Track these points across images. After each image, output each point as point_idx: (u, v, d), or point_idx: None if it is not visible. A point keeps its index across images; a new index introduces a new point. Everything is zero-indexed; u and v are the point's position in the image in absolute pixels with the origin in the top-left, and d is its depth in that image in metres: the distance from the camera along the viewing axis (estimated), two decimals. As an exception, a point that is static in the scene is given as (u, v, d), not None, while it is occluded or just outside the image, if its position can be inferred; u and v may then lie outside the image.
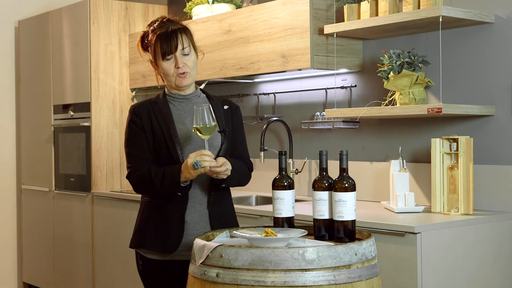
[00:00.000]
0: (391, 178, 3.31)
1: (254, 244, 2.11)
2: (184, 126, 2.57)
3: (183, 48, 2.54)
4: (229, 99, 2.77)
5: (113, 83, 4.92)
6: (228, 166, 2.46)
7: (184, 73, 2.56)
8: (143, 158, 2.56)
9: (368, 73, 3.73)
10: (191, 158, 2.39)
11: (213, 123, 2.41)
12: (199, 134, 2.42)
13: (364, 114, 3.32)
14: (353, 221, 2.23)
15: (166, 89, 2.66)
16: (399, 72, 3.23)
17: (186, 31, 2.58)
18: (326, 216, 2.28)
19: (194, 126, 2.41)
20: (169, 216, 2.54)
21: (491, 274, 3.03)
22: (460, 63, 3.33)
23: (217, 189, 2.59)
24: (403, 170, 3.29)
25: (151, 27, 2.60)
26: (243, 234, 2.21)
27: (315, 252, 1.97)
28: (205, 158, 2.38)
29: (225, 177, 2.48)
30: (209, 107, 2.42)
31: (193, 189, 2.55)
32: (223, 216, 2.63)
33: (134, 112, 2.61)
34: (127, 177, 2.60)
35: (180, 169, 2.43)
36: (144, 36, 2.62)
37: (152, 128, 2.56)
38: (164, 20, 2.60)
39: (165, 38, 2.54)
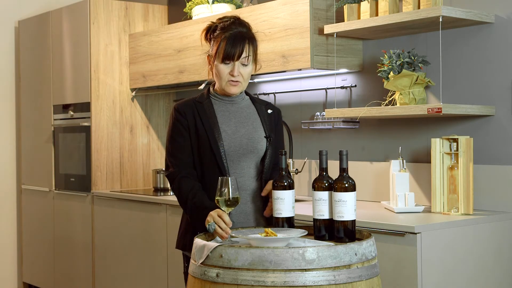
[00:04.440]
0: (391, 178, 3.30)
1: (254, 244, 2.11)
2: (229, 128, 2.53)
3: (244, 57, 2.50)
4: (271, 103, 2.73)
5: (113, 83, 4.92)
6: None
7: (236, 81, 2.52)
8: (186, 162, 2.52)
9: (368, 73, 3.73)
10: (210, 217, 2.29)
11: (236, 196, 2.28)
12: (220, 206, 2.28)
13: (364, 114, 3.32)
14: (353, 221, 2.23)
15: (211, 88, 2.62)
16: (399, 72, 3.22)
17: (253, 41, 2.54)
18: (326, 216, 2.28)
19: (217, 198, 2.27)
20: None
21: (491, 274, 3.03)
22: (460, 63, 3.33)
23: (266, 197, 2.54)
24: (403, 170, 3.28)
25: (222, 24, 2.53)
26: (243, 234, 2.21)
27: (315, 252, 1.97)
28: (219, 230, 2.26)
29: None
30: (235, 179, 2.30)
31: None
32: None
33: (179, 111, 2.56)
34: (167, 176, 2.55)
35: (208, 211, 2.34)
36: (210, 28, 2.56)
37: (196, 128, 2.53)
38: (236, 21, 2.54)
39: (232, 42, 2.48)
